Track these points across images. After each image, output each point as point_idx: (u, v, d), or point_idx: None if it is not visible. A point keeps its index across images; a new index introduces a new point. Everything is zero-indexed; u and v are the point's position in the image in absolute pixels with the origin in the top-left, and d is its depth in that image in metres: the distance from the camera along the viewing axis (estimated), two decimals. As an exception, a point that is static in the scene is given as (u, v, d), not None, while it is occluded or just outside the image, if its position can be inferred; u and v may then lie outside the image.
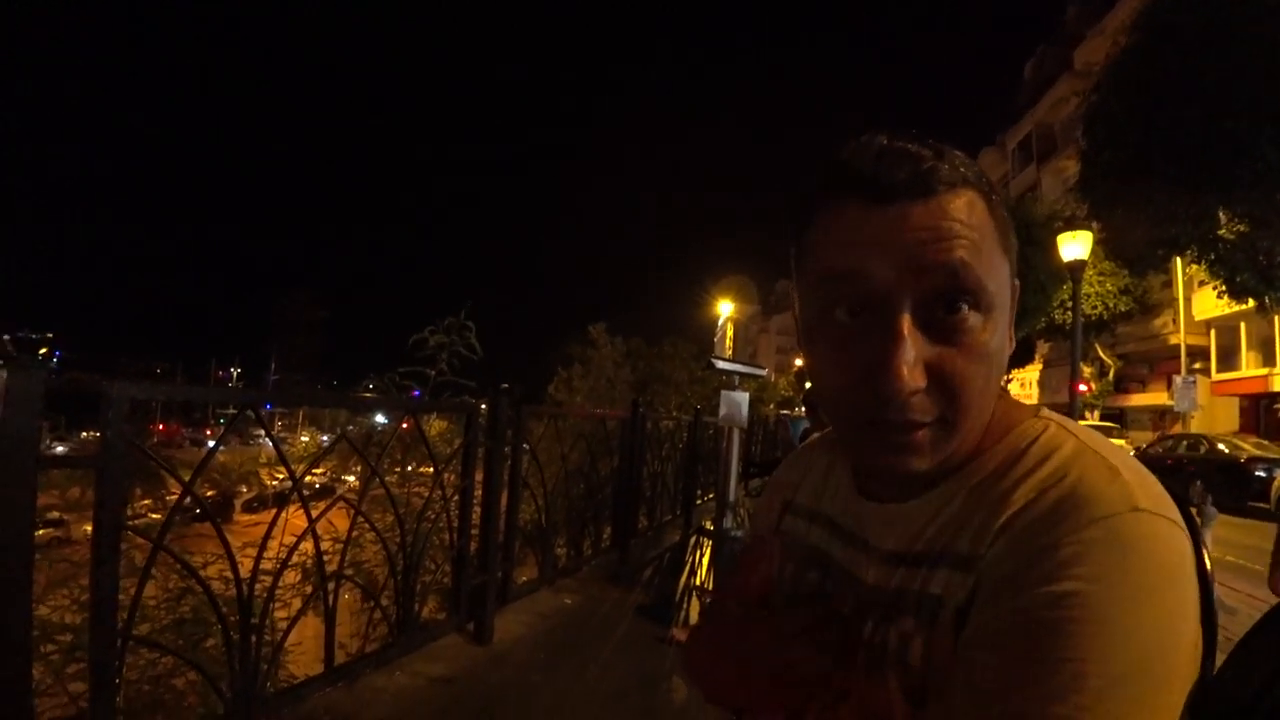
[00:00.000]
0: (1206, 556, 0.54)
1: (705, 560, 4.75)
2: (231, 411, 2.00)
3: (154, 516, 2.78)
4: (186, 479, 1.82)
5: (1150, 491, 0.47)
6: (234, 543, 1.94)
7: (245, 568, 1.91)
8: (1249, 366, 20.18)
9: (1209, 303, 17.82)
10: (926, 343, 0.50)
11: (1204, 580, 0.51)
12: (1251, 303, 10.55)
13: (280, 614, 2.14)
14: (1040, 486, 0.49)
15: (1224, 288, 9.70)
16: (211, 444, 2.15)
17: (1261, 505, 9.51)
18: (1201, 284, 10.84)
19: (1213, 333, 20.90)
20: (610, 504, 4.68)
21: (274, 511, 2.12)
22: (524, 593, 3.47)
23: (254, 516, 2.86)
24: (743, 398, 4.36)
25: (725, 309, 24.31)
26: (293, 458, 2.52)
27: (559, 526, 4.05)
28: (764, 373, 6.50)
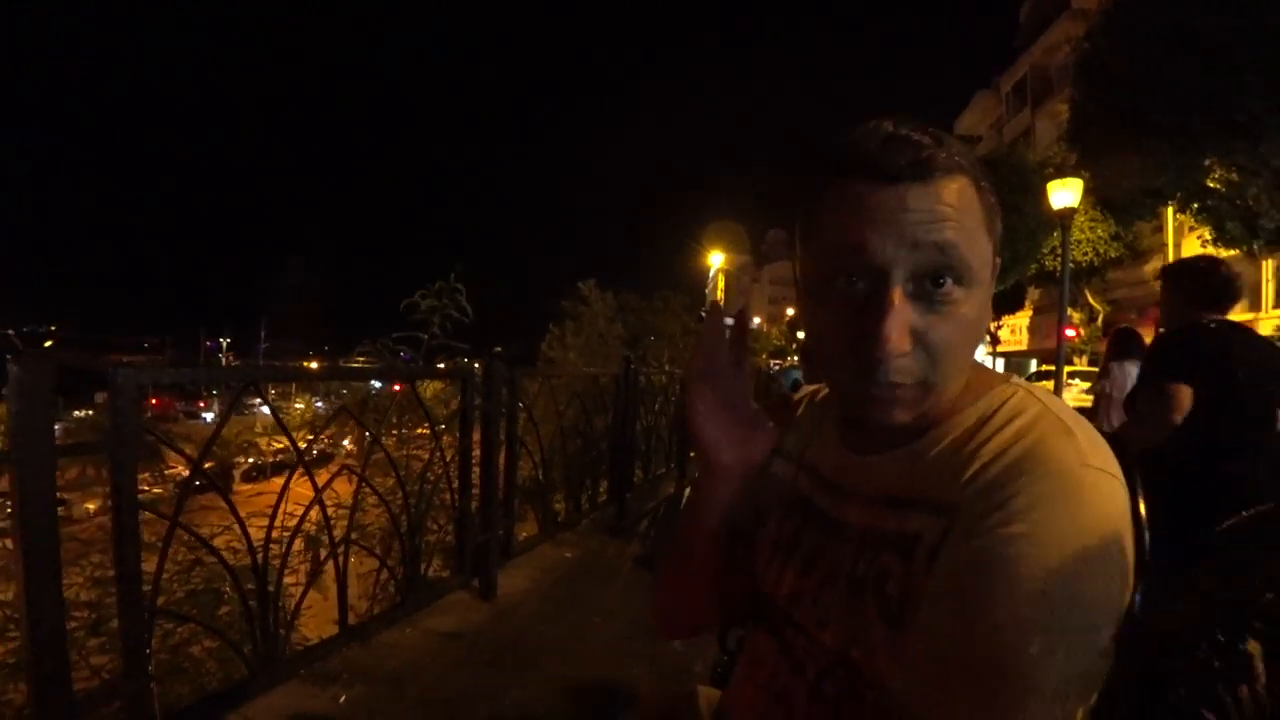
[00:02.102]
0: (1142, 505, 0.62)
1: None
2: (222, 384, 2.03)
3: (156, 491, 2.83)
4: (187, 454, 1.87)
5: (1098, 451, 0.54)
6: (239, 513, 2.00)
7: (255, 537, 1.98)
8: (1236, 311, 20.33)
9: (1197, 249, 17.87)
10: (914, 311, 0.57)
11: (1139, 526, 0.59)
12: (1240, 250, 10.63)
13: (288, 580, 2.22)
14: (1006, 444, 0.56)
15: (1210, 236, 9.78)
16: (208, 416, 2.18)
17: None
18: (1191, 229, 10.89)
19: (1201, 278, 20.95)
20: (606, 459, 4.77)
21: (273, 480, 2.17)
22: (526, 548, 3.57)
23: (254, 486, 2.90)
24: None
25: (716, 260, 24.12)
26: (290, 425, 2.56)
27: (557, 483, 4.14)
28: (754, 325, 6.52)
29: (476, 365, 3.18)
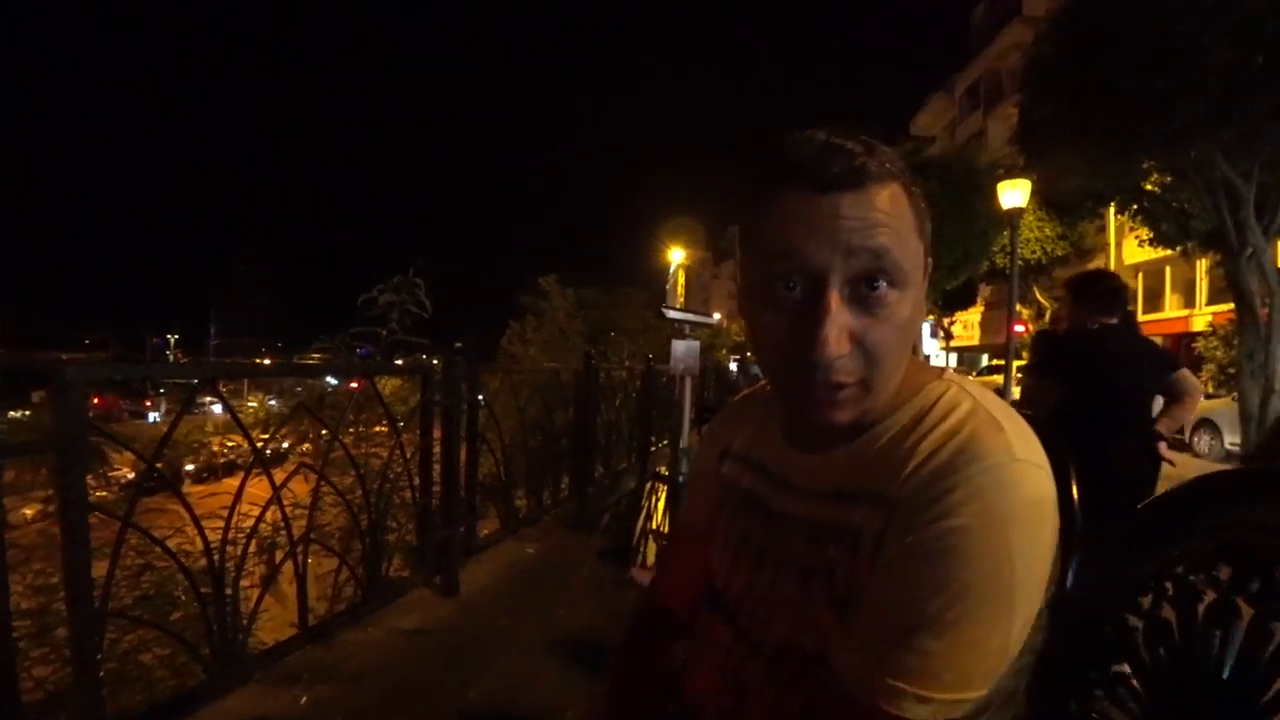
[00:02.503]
0: (1074, 488, 0.67)
1: (661, 505, 4.91)
2: (172, 380, 1.98)
3: (100, 494, 2.75)
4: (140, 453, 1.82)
5: (1026, 443, 0.58)
6: (188, 515, 1.95)
7: (209, 539, 1.93)
8: (1172, 308, 21.37)
9: (1136, 249, 18.62)
10: (851, 314, 0.59)
11: (1071, 508, 0.65)
12: (1177, 250, 11.16)
13: (244, 582, 2.18)
14: (941, 440, 0.59)
15: (1147, 237, 10.26)
16: (154, 416, 2.11)
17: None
18: (1131, 230, 11.40)
19: (1140, 276, 21.96)
20: (568, 454, 4.77)
21: (224, 481, 2.13)
22: (488, 544, 3.56)
23: (204, 487, 2.82)
24: (693, 345, 4.44)
25: (677, 256, 24.18)
26: (244, 424, 2.50)
27: (518, 478, 4.13)
28: (714, 321, 6.57)
29: (436, 361, 3.16)
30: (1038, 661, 0.61)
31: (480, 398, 3.43)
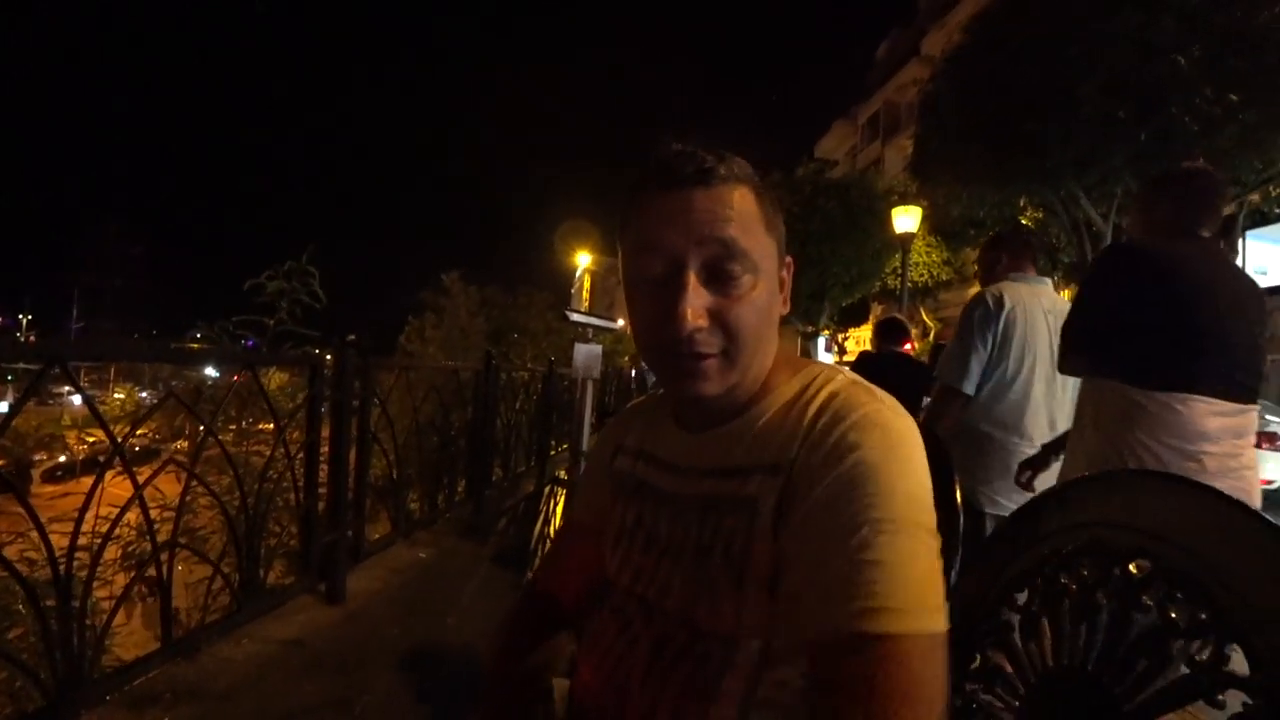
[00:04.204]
0: (955, 476, 0.72)
1: (559, 509, 4.85)
2: (23, 367, 1.78)
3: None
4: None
5: (895, 405, 0.67)
6: (37, 516, 1.71)
7: (57, 544, 1.69)
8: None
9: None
10: (709, 295, 0.67)
11: (954, 507, 0.72)
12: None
13: (102, 593, 1.96)
14: (823, 403, 0.68)
15: (1021, 268, 11.24)
16: (1, 406, 1.86)
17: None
18: (1007, 259, 12.45)
19: (1012, 301, 23.85)
20: (465, 456, 4.64)
21: (82, 480, 1.91)
22: (378, 549, 3.39)
23: (59, 487, 2.53)
24: (595, 350, 4.44)
25: (583, 260, 24.08)
26: (109, 418, 2.26)
27: (412, 480, 3.98)
28: (617, 326, 6.63)
29: (328, 354, 2.98)
30: None
31: (374, 395, 3.27)
